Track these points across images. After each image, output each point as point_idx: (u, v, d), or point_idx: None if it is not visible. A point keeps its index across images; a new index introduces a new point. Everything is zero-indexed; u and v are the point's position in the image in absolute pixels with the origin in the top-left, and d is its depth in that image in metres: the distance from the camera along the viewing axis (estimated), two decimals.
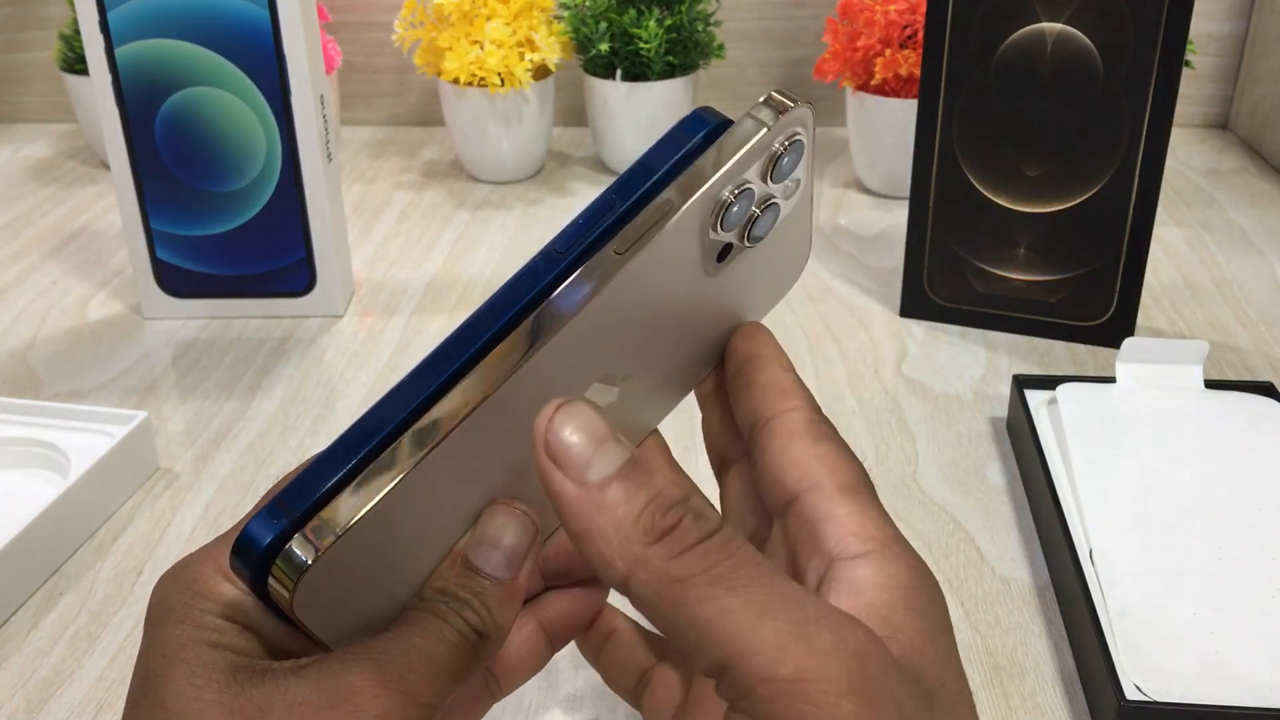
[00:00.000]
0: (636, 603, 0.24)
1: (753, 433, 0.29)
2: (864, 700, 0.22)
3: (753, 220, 0.27)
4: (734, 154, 0.25)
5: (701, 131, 0.26)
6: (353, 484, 0.24)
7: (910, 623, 0.25)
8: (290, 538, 0.24)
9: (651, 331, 0.28)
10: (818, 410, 0.29)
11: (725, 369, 0.31)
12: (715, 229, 0.26)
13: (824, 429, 0.29)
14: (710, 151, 0.25)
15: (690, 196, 0.25)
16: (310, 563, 0.24)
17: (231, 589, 0.26)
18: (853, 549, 0.26)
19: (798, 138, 0.27)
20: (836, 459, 0.28)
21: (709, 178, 0.25)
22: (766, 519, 0.31)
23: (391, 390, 0.25)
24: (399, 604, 0.27)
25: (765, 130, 0.26)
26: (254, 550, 0.24)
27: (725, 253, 0.28)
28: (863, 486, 0.27)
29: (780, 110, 0.26)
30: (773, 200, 0.27)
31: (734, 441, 0.32)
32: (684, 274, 0.27)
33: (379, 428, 0.25)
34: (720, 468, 0.33)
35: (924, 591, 0.25)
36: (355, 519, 0.24)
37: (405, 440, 0.25)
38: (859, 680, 0.22)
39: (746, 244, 0.28)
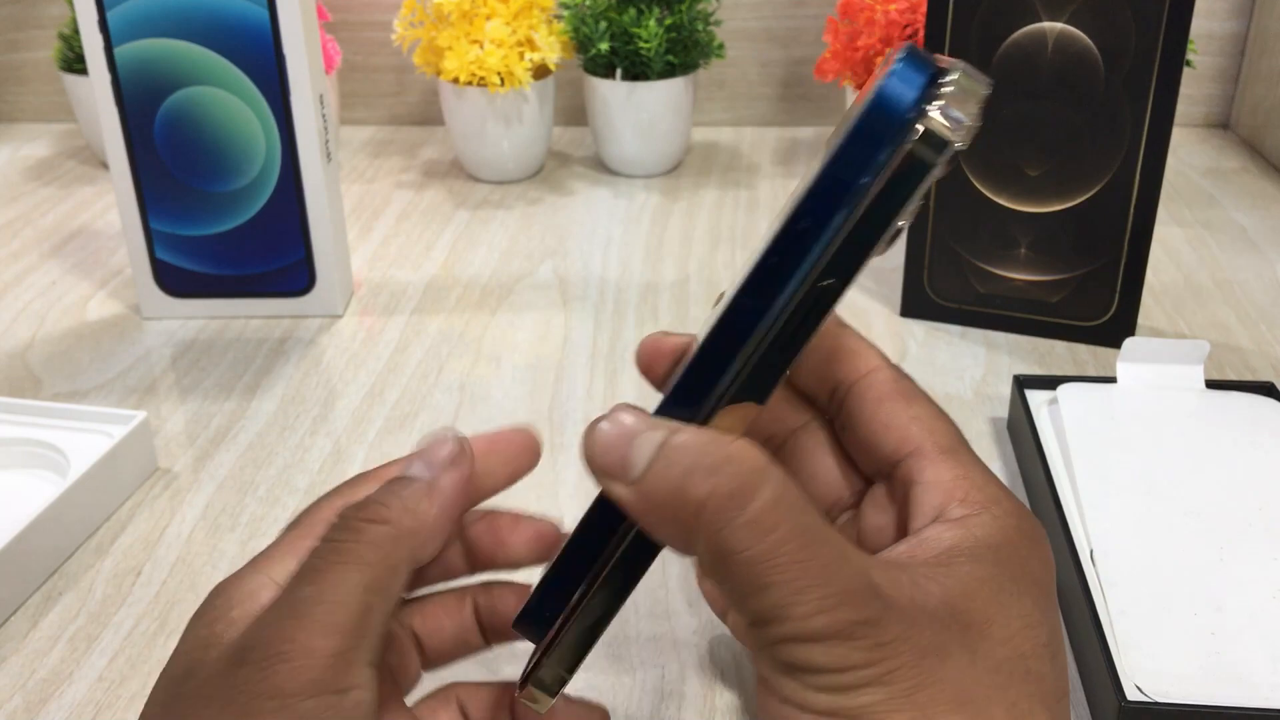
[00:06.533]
0: (699, 563, 0.26)
1: (836, 400, 0.30)
2: (879, 628, 0.24)
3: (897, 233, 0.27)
4: (921, 188, 0.26)
5: (897, 126, 0.26)
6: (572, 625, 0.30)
7: (968, 570, 0.26)
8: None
9: None
10: (897, 368, 0.30)
11: None
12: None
13: (910, 387, 0.29)
14: (908, 187, 0.26)
15: (862, 261, 0.26)
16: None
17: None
18: (954, 514, 0.27)
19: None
20: (932, 420, 0.29)
21: (897, 220, 0.26)
22: (853, 485, 0.31)
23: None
24: None
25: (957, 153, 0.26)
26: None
27: None
28: (961, 446, 0.28)
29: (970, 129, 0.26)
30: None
31: (795, 410, 0.32)
32: None
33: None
34: (779, 438, 0.33)
35: (1005, 548, 0.27)
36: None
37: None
38: (876, 616, 0.24)
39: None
